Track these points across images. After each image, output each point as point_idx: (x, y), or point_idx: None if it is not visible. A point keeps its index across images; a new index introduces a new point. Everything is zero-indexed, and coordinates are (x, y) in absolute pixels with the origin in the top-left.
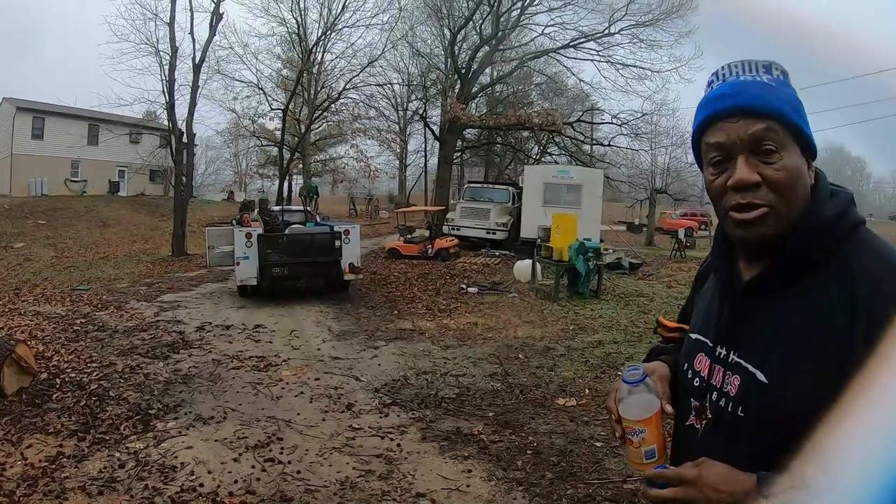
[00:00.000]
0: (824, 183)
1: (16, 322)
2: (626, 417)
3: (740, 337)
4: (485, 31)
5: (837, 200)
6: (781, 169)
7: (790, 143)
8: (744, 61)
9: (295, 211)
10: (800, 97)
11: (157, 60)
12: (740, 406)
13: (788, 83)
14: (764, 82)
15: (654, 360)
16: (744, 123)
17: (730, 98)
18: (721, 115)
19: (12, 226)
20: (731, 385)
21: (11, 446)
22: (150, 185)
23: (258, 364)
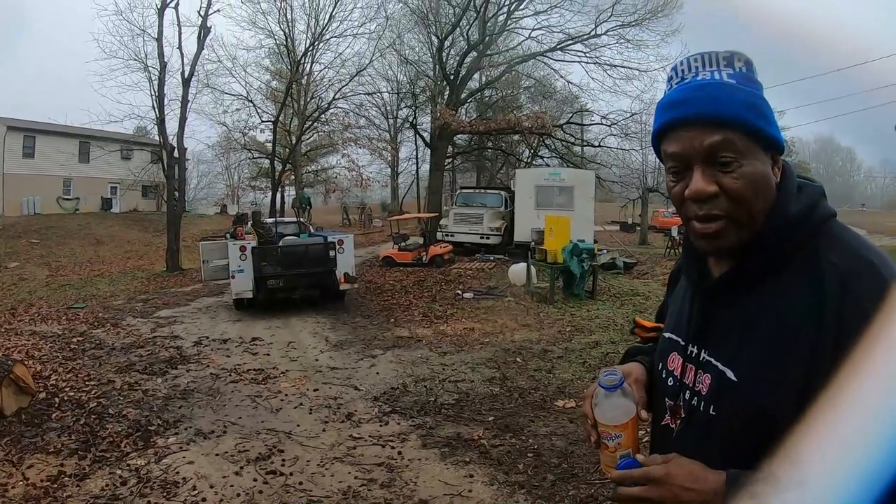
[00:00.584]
0: (791, 178)
1: (12, 342)
2: (602, 422)
3: (710, 335)
4: (472, 36)
5: (805, 195)
6: (740, 178)
7: (750, 149)
8: (704, 54)
9: (288, 222)
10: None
11: (147, 76)
12: (712, 405)
13: (751, 75)
14: (722, 82)
15: (631, 360)
16: (699, 133)
17: (685, 105)
18: (677, 124)
19: (6, 245)
20: (703, 384)
21: (12, 466)
22: (143, 201)
23: (256, 377)
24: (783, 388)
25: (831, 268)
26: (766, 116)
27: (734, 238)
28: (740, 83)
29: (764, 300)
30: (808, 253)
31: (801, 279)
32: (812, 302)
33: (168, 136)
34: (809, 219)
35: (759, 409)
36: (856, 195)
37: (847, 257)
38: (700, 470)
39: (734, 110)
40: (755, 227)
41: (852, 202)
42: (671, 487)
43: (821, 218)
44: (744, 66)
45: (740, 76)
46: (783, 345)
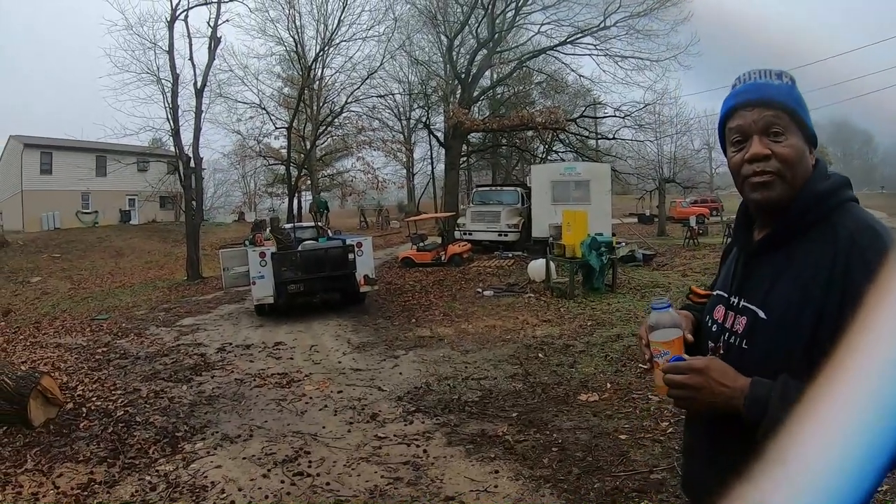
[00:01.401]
0: (822, 167)
1: (38, 355)
2: (653, 340)
3: (749, 286)
4: (481, 34)
5: (832, 180)
6: (787, 146)
7: (794, 129)
8: (761, 69)
9: (306, 227)
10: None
11: (160, 88)
12: (745, 340)
13: (794, 87)
14: (775, 84)
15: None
16: (758, 111)
17: (748, 93)
18: (741, 106)
19: (28, 261)
20: (740, 325)
21: (43, 476)
22: (161, 212)
23: (280, 381)
24: (802, 325)
25: (843, 230)
26: (805, 113)
27: (780, 191)
28: (792, 88)
29: (792, 256)
30: (828, 223)
31: (820, 240)
32: (827, 256)
33: (183, 147)
34: (833, 197)
35: (783, 341)
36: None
37: (857, 224)
38: (732, 371)
39: (783, 99)
40: (794, 190)
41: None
42: (708, 379)
43: (843, 198)
44: (789, 81)
45: (787, 85)
46: (803, 289)
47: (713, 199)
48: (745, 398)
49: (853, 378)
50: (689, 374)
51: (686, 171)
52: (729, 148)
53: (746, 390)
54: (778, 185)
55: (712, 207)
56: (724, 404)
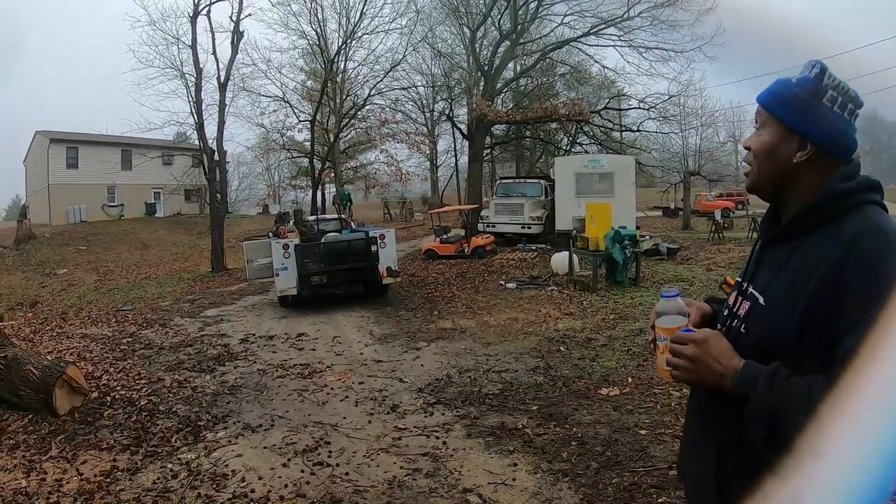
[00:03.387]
0: (847, 169)
1: (64, 345)
2: (658, 325)
3: (757, 274)
4: (504, 25)
5: (854, 182)
6: (757, 141)
7: (770, 125)
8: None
9: (330, 219)
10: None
11: (183, 83)
12: (744, 324)
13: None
14: (783, 82)
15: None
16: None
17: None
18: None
19: (55, 253)
20: (743, 309)
21: (67, 463)
22: (186, 205)
23: (303, 371)
24: (792, 316)
25: (850, 228)
26: (795, 109)
27: (749, 182)
28: (797, 84)
29: (799, 250)
30: (841, 223)
31: (828, 238)
32: (828, 254)
33: (208, 140)
34: (850, 197)
35: (774, 331)
36: None
37: (865, 225)
38: (729, 350)
39: (765, 98)
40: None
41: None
42: (705, 352)
43: (862, 200)
44: (813, 71)
45: (805, 79)
46: (799, 282)
47: (739, 193)
48: (734, 377)
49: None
50: (688, 344)
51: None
52: None
53: (738, 370)
54: (751, 175)
55: (738, 201)
56: (715, 382)
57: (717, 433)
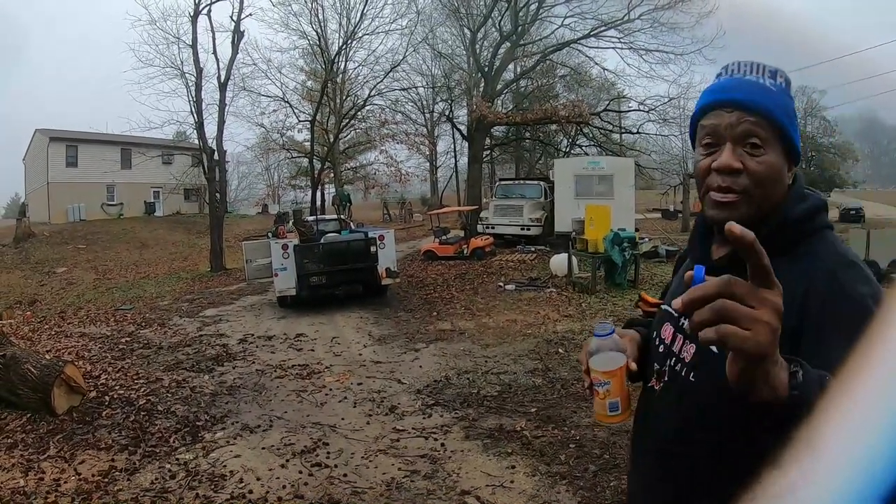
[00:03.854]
0: (800, 186)
1: (63, 344)
2: (594, 368)
3: None
4: (504, 27)
5: (809, 204)
6: (763, 162)
7: (775, 143)
8: (753, 63)
9: (329, 220)
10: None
11: (184, 82)
12: (692, 372)
13: (788, 92)
14: (765, 85)
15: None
16: (737, 115)
17: (731, 91)
18: (719, 104)
19: (54, 252)
20: (688, 352)
21: (65, 463)
22: (186, 204)
23: (301, 372)
24: None
25: (822, 263)
26: (793, 125)
27: (744, 212)
28: (778, 93)
29: None
30: (802, 250)
31: (792, 271)
32: (799, 291)
33: (207, 140)
34: (809, 222)
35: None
36: None
37: (837, 256)
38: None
39: (770, 106)
40: (762, 213)
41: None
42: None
43: (819, 225)
44: (784, 83)
45: (780, 88)
46: None
47: None
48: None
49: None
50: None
51: None
52: (698, 147)
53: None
54: (743, 206)
55: None
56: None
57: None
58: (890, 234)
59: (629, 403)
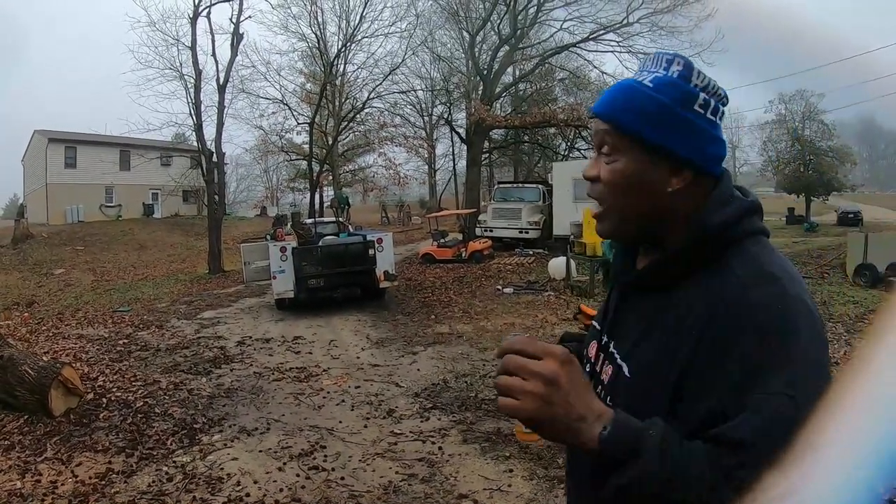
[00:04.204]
0: (721, 192)
1: (60, 346)
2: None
3: (618, 329)
4: (503, 30)
5: (731, 209)
6: (612, 171)
7: (626, 148)
8: (655, 54)
9: (327, 222)
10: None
11: (183, 84)
12: (609, 396)
13: (677, 83)
14: (631, 85)
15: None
16: (596, 124)
17: (599, 100)
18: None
19: (52, 253)
20: (606, 374)
21: (62, 465)
22: (184, 206)
23: (299, 375)
24: (666, 390)
25: (733, 278)
26: (658, 122)
27: (607, 226)
28: (655, 87)
29: (668, 302)
30: (720, 264)
31: (705, 287)
32: (708, 309)
33: (206, 142)
34: (729, 232)
35: (644, 409)
36: None
37: (752, 270)
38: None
39: (612, 111)
40: (627, 223)
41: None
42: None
43: (740, 233)
44: (678, 70)
45: (664, 80)
46: (673, 347)
47: None
48: (607, 427)
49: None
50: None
51: None
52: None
53: (607, 414)
54: (607, 217)
55: None
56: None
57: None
58: (888, 237)
59: None
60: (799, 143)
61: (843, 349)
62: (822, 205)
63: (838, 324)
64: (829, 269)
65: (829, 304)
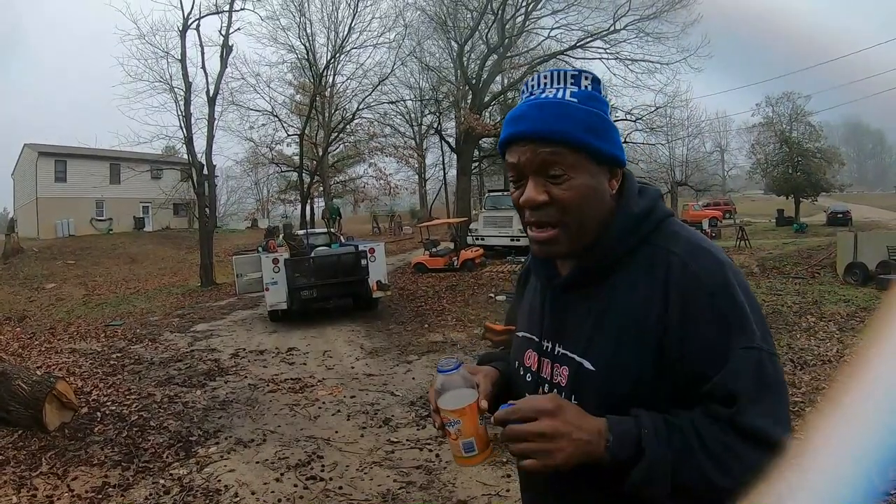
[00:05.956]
0: (632, 184)
1: (53, 360)
2: (441, 408)
3: (563, 330)
4: (491, 39)
5: (646, 197)
6: (568, 189)
7: (580, 164)
8: (554, 72)
9: (319, 233)
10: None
11: (173, 97)
12: (573, 394)
13: (596, 94)
14: (561, 102)
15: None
16: (533, 148)
17: (523, 122)
18: (515, 138)
19: (43, 267)
20: (561, 376)
21: (58, 479)
22: (175, 219)
23: (294, 386)
24: (639, 371)
25: (672, 256)
26: (601, 133)
27: (565, 245)
28: (582, 102)
29: (614, 293)
30: (650, 247)
31: (646, 270)
32: (657, 288)
33: (196, 155)
34: (650, 217)
35: (619, 394)
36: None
37: (686, 246)
38: (579, 410)
39: (564, 128)
40: (586, 235)
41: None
42: (566, 422)
43: (660, 217)
44: (590, 85)
45: (584, 95)
46: (634, 330)
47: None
48: (608, 440)
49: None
50: (540, 419)
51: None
52: (510, 183)
53: (605, 431)
54: (562, 238)
55: (725, 210)
56: (580, 456)
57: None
58: (877, 236)
59: (487, 442)
60: (787, 145)
61: (836, 347)
62: (811, 206)
63: (830, 322)
64: (819, 269)
65: (821, 302)
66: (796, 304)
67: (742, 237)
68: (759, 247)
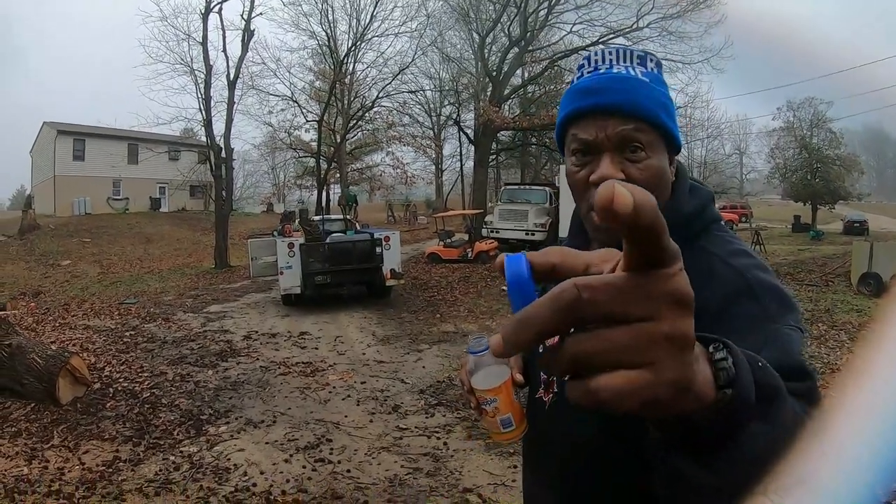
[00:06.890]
0: (685, 178)
1: (67, 336)
2: (476, 388)
3: None
4: (513, 32)
5: (697, 197)
6: (645, 169)
7: (656, 144)
8: (620, 49)
9: (335, 220)
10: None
11: (193, 79)
12: None
13: (661, 77)
14: (638, 78)
15: None
16: (614, 122)
17: (602, 94)
18: (591, 111)
19: (58, 244)
20: None
21: (69, 452)
22: (191, 201)
23: (305, 370)
24: None
25: (714, 256)
26: (673, 116)
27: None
28: (653, 83)
29: None
30: (696, 248)
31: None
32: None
33: (215, 137)
34: (700, 218)
35: None
36: None
37: (726, 249)
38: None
39: (648, 105)
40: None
41: None
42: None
43: (709, 219)
44: (655, 67)
45: (652, 76)
46: None
47: (743, 206)
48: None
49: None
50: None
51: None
52: (569, 157)
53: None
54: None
55: (742, 214)
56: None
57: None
58: (893, 246)
59: (523, 415)
60: (806, 150)
61: (845, 356)
62: (828, 213)
63: (841, 331)
64: (833, 278)
65: (833, 311)
66: (808, 312)
67: (757, 241)
68: (774, 252)
